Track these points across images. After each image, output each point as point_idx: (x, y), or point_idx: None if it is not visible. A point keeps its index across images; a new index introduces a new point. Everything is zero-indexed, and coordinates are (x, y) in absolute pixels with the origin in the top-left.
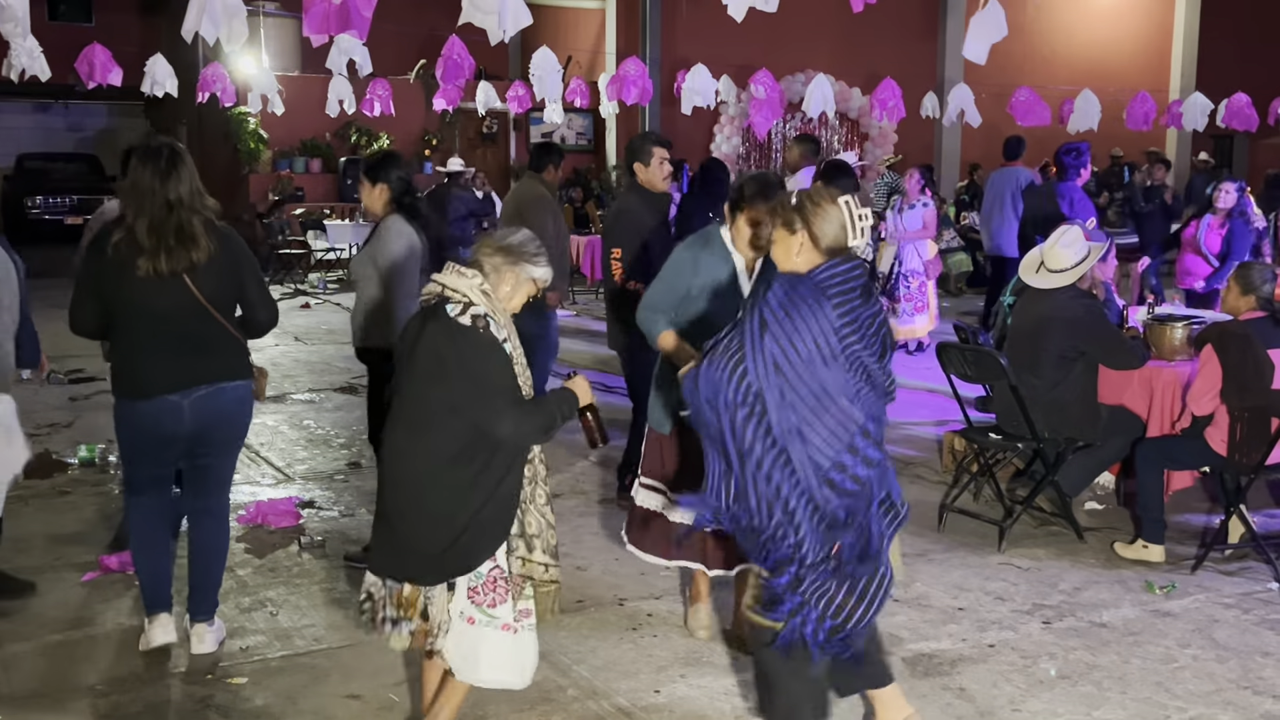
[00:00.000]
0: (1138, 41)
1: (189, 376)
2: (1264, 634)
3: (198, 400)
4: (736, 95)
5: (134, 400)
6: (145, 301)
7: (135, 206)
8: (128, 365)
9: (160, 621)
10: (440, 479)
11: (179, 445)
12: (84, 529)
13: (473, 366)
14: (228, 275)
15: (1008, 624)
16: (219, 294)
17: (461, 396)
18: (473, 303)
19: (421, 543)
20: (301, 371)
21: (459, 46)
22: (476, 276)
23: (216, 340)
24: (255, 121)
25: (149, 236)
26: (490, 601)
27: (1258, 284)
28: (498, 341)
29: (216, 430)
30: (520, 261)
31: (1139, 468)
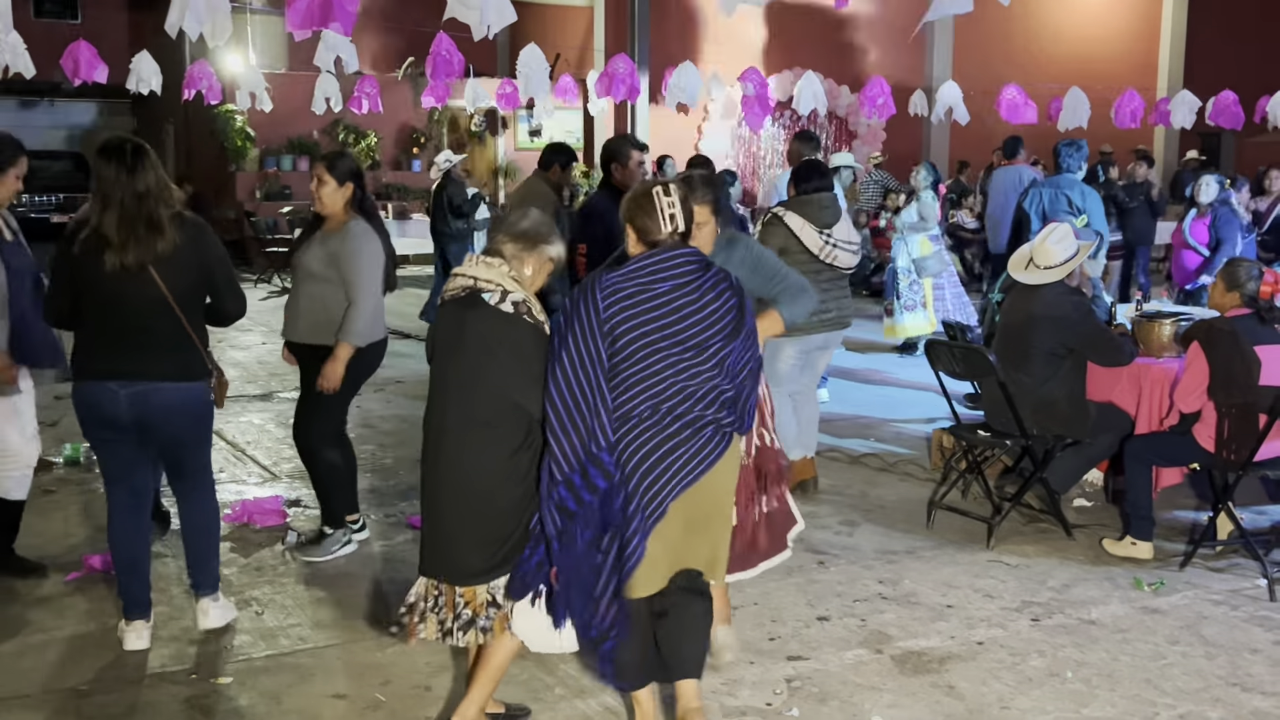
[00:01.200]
0: (1126, 40)
1: (131, 369)
2: (1252, 630)
3: (135, 394)
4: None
5: (80, 383)
6: (112, 293)
7: (103, 200)
8: (82, 352)
9: (135, 628)
10: (510, 470)
11: (122, 430)
12: (68, 528)
13: (524, 352)
14: (195, 268)
15: (996, 621)
16: (186, 287)
17: (515, 383)
18: (509, 290)
19: (493, 539)
20: (287, 370)
21: (447, 44)
22: (504, 265)
23: (169, 339)
24: (242, 119)
25: (118, 230)
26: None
27: (1243, 280)
28: (542, 325)
29: (161, 426)
30: (538, 243)
31: (1127, 465)
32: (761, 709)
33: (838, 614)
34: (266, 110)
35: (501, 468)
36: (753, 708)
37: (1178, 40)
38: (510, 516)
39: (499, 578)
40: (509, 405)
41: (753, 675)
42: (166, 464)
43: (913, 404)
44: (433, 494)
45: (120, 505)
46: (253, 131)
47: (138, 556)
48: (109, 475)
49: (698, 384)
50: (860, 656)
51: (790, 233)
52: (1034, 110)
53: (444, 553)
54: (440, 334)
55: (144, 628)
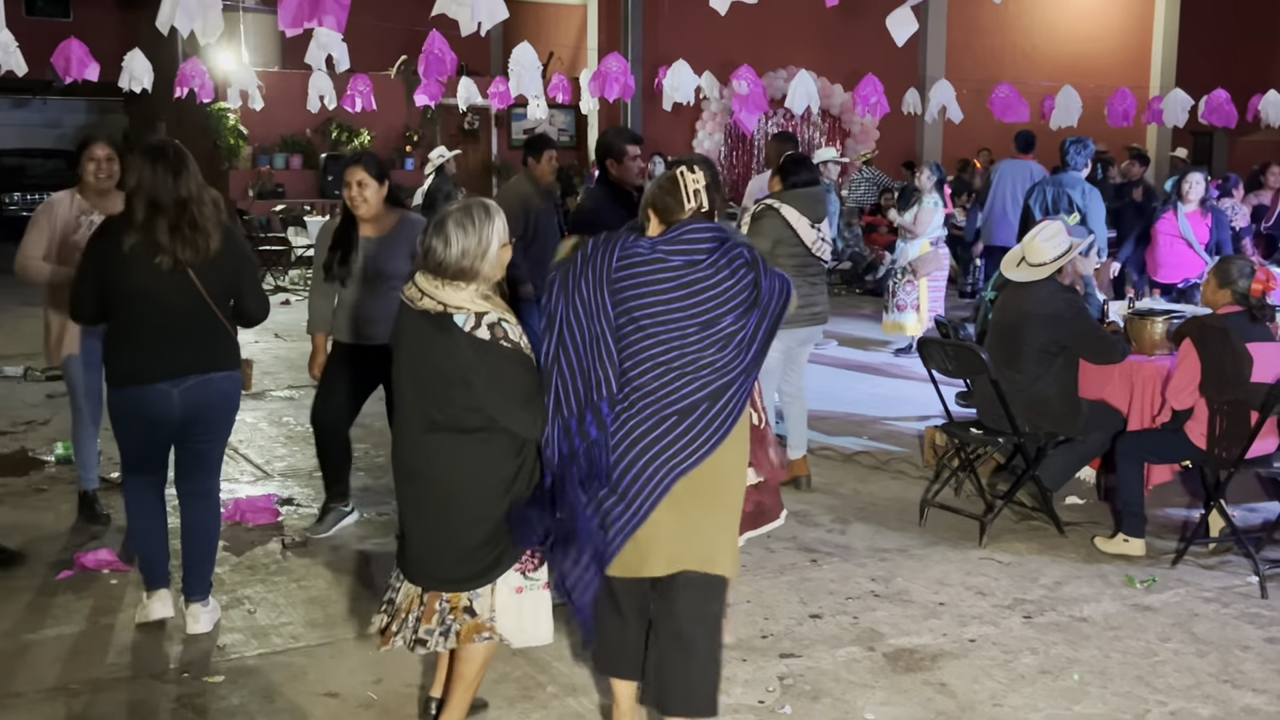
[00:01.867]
0: (1118, 38)
1: (182, 366)
2: (1244, 628)
3: (188, 389)
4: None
5: (128, 387)
6: (149, 292)
7: (147, 203)
8: (124, 353)
9: (159, 596)
10: (496, 480)
11: (169, 430)
12: (59, 527)
13: (505, 378)
14: (229, 269)
15: (989, 619)
16: (220, 287)
17: (498, 407)
18: (481, 312)
19: (477, 547)
20: (281, 368)
21: (440, 42)
22: (469, 287)
23: (211, 332)
24: (235, 117)
25: (167, 233)
26: (531, 566)
27: (1235, 278)
28: (520, 347)
29: (205, 418)
30: (477, 251)
31: (1119, 462)
32: (754, 706)
33: (830, 612)
34: (258, 108)
35: (492, 475)
36: (745, 705)
37: (1170, 39)
38: (501, 521)
39: (483, 585)
40: (493, 424)
41: (745, 673)
42: (190, 457)
43: (905, 402)
44: (420, 501)
45: (141, 492)
46: (245, 130)
47: (157, 536)
48: (134, 468)
49: (703, 361)
50: (853, 654)
51: (786, 224)
52: (1026, 108)
53: (435, 562)
54: (408, 341)
55: (166, 595)
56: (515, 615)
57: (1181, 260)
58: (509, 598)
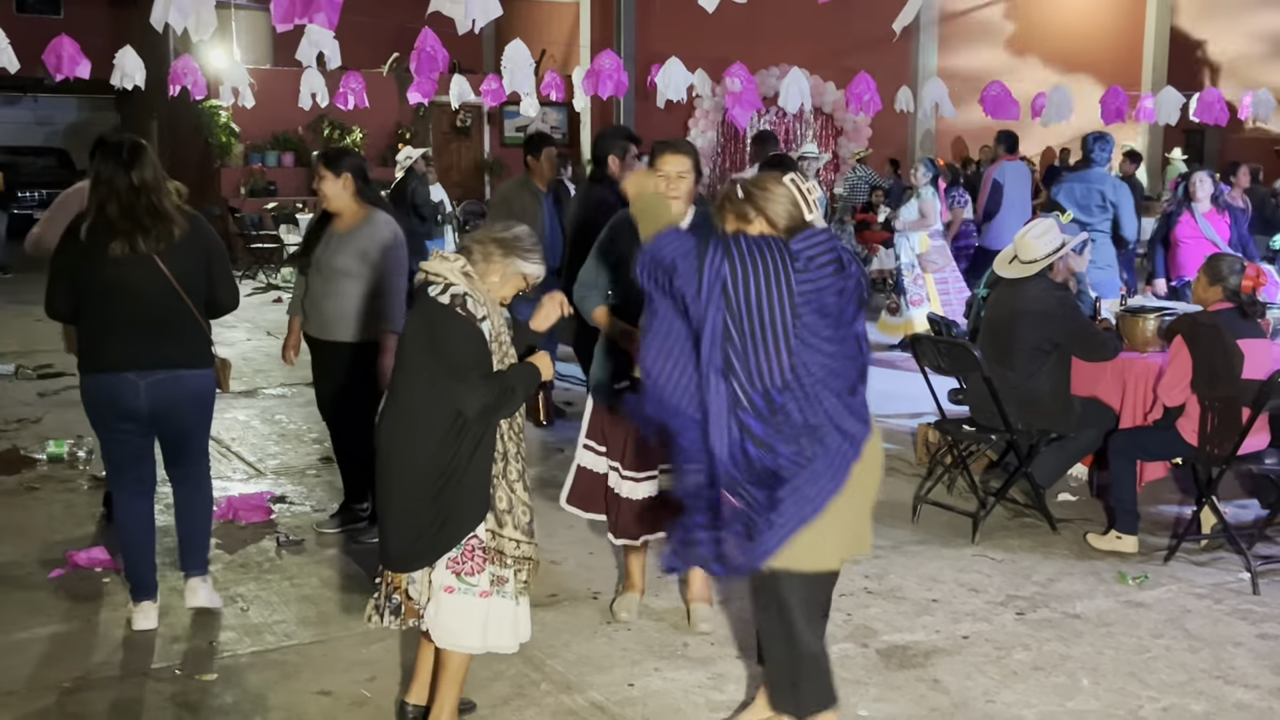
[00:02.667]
0: (1110, 36)
1: (148, 358)
2: (1236, 624)
3: (155, 383)
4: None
5: (94, 374)
6: (117, 282)
7: (105, 193)
8: (93, 342)
9: (143, 609)
10: (430, 461)
11: (140, 422)
12: (52, 525)
13: (449, 343)
14: (197, 258)
15: (981, 615)
16: (189, 276)
17: (439, 374)
18: (452, 283)
19: (415, 529)
20: (273, 366)
21: (432, 39)
22: (459, 260)
23: (180, 325)
24: (226, 115)
25: (122, 219)
26: (469, 570)
27: (1225, 274)
28: (474, 319)
29: (176, 414)
30: (512, 254)
31: (1112, 459)
32: (747, 704)
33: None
34: (250, 106)
35: (427, 455)
36: (738, 702)
37: (1161, 37)
38: (435, 505)
39: (419, 569)
40: (434, 394)
41: (739, 670)
42: (169, 449)
43: (898, 399)
44: (379, 481)
45: (127, 493)
46: (236, 127)
47: (144, 540)
48: (117, 465)
49: (851, 361)
50: (846, 650)
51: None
52: (1018, 107)
53: (385, 539)
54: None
55: (151, 608)
56: (439, 612)
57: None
58: (440, 593)
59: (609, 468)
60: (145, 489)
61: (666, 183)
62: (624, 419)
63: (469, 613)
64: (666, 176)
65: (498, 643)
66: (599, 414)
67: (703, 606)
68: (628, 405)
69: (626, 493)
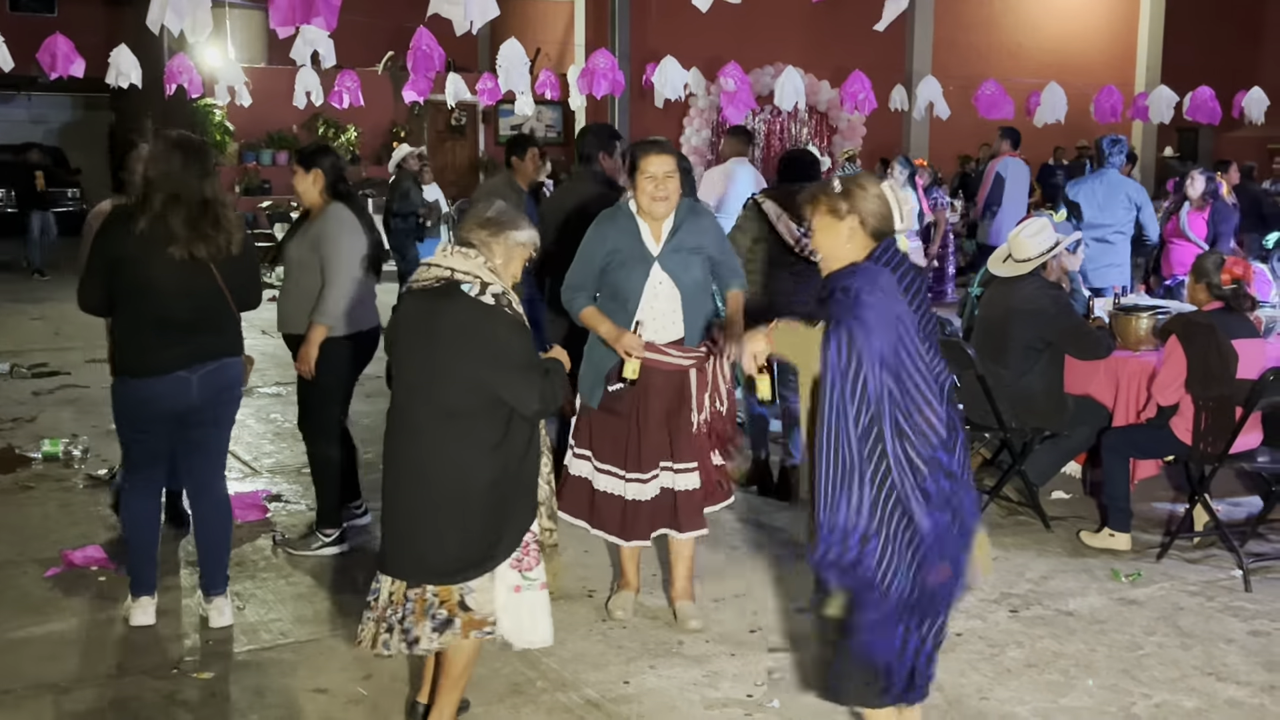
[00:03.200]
0: (1103, 35)
1: (200, 353)
2: (1227, 621)
3: (205, 375)
4: (706, 88)
5: (144, 377)
6: (167, 283)
7: (168, 196)
8: (140, 343)
9: (142, 604)
10: (486, 468)
11: (179, 419)
12: (47, 524)
13: (505, 344)
14: (247, 264)
15: (975, 613)
16: (235, 279)
17: (497, 375)
18: (489, 282)
19: (468, 537)
20: (268, 365)
21: (428, 38)
22: (479, 256)
23: (224, 319)
24: (221, 113)
25: (186, 227)
26: (528, 565)
27: (1208, 271)
28: (522, 318)
29: (218, 402)
30: (502, 231)
31: (1105, 457)
32: (742, 700)
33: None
34: (245, 105)
35: (483, 461)
36: (734, 699)
37: (1155, 35)
38: (493, 512)
39: (475, 577)
40: (487, 398)
41: (734, 667)
42: (194, 451)
43: None
44: (407, 492)
45: (140, 491)
46: (231, 126)
47: (149, 539)
48: (135, 465)
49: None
50: None
51: (766, 221)
52: (1012, 105)
53: (421, 553)
54: (406, 324)
55: (149, 604)
56: (514, 615)
57: (1185, 257)
58: (508, 596)
59: (598, 471)
60: (156, 489)
61: (655, 184)
62: (616, 421)
63: (539, 606)
64: (654, 178)
65: (550, 634)
66: (586, 418)
67: (688, 604)
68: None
69: (634, 495)
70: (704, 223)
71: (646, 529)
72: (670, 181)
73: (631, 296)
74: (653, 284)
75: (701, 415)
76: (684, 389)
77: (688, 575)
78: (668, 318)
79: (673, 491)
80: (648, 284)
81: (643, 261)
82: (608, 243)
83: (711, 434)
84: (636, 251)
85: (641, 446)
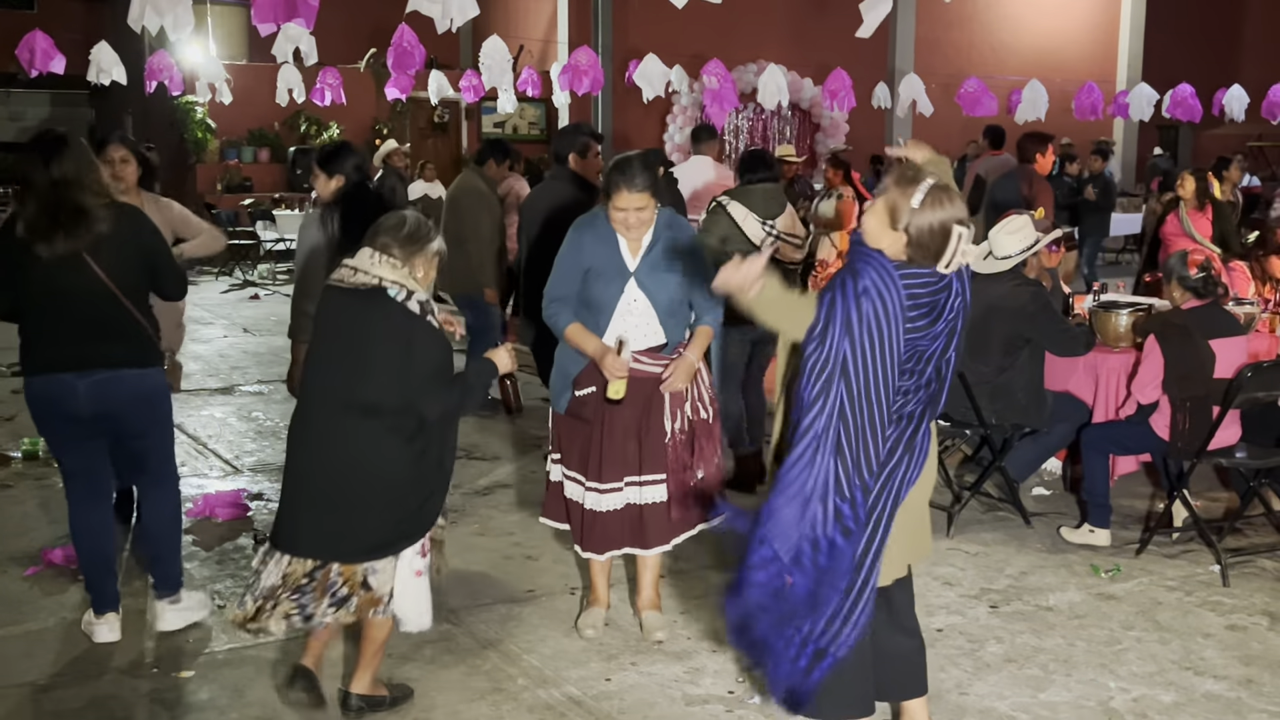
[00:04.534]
0: (1085, 32)
1: (86, 358)
2: (1205, 615)
3: (96, 383)
4: (689, 85)
5: (32, 376)
6: (48, 281)
7: (24, 191)
8: (30, 343)
9: (106, 620)
10: (403, 457)
11: (83, 425)
12: (26, 523)
13: (424, 351)
14: (131, 253)
15: (955, 609)
16: (123, 272)
17: (408, 379)
18: (413, 290)
19: (377, 521)
20: (250, 363)
21: (409, 35)
22: (404, 267)
23: (119, 324)
24: (203, 111)
25: (40, 218)
26: (423, 551)
27: (1176, 268)
28: (441, 330)
29: (122, 416)
30: (422, 245)
31: (1085, 453)
32: (723, 697)
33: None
34: (227, 102)
35: (400, 451)
36: (715, 696)
37: (1136, 33)
38: (407, 498)
39: (382, 558)
40: (404, 397)
41: (715, 664)
42: (128, 457)
43: None
44: (321, 476)
45: (80, 499)
46: (213, 123)
47: (102, 550)
48: (67, 470)
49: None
50: None
51: (733, 222)
52: (995, 102)
53: (335, 533)
54: (332, 319)
55: (114, 619)
56: (413, 598)
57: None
58: (409, 580)
59: (565, 477)
60: (98, 497)
61: (623, 216)
62: (583, 427)
63: (426, 593)
64: (624, 212)
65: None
66: (559, 423)
67: (654, 615)
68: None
69: (591, 504)
70: (680, 240)
71: (602, 544)
72: (640, 214)
73: (605, 309)
74: (627, 299)
75: (676, 424)
76: (654, 397)
77: (654, 584)
78: (640, 330)
79: (638, 506)
80: (622, 299)
81: (619, 275)
82: (584, 252)
83: (692, 445)
84: (613, 264)
85: (604, 456)
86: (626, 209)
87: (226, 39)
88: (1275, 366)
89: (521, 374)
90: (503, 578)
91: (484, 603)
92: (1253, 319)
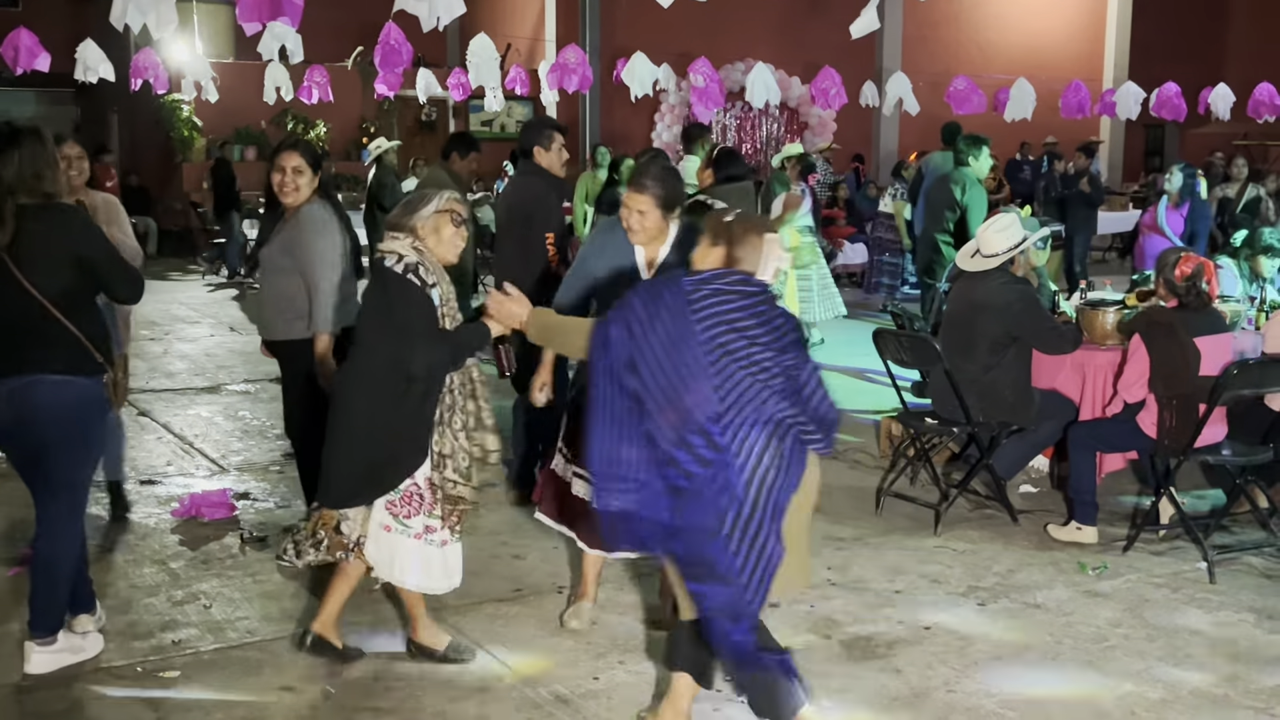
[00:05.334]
0: (1072, 31)
1: (8, 366)
2: (1192, 612)
3: (14, 390)
4: (676, 84)
5: None
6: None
7: None
8: None
9: (81, 622)
10: (383, 414)
11: (7, 435)
12: (8, 524)
13: (400, 306)
14: (66, 259)
15: (943, 606)
16: (50, 276)
17: (389, 333)
18: (404, 255)
19: (349, 472)
20: (236, 362)
21: (396, 33)
22: (408, 237)
23: (44, 329)
24: (189, 109)
25: None
26: (405, 513)
27: (1162, 268)
28: (425, 285)
29: (38, 426)
30: (413, 210)
31: (1071, 451)
32: (710, 695)
33: (786, 600)
34: (213, 100)
35: (382, 409)
36: (701, 695)
37: (1123, 32)
38: (378, 454)
39: (353, 507)
40: (388, 355)
41: None
42: (27, 477)
43: (860, 392)
44: (327, 429)
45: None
46: (199, 121)
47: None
48: (22, 478)
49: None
50: (809, 642)
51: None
52: (983, 100)
53: (326, 480)
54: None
55: (89, 621)
56: (380, 548)
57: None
58: (377, 532)
59: (575, 475)
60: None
61: (628, 215)
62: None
63: (404, 550)
64: (629, 210)
65: (427, 583)
66: (572, 419)
67: (586, 604)
68: None
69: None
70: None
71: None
72: (645, 217)
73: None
74: None
75: None
76: None
77: (596, 576)
78: None
79: None
80: None
81: (632, 282)
82: (605, 256)
83: None
84: (630, 273)
85: None
86: (629, 207)
87: (213, 37)
88: (1260, 364)
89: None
90: (490, 576)
91: (471, 601)
92: (1240, 316)
